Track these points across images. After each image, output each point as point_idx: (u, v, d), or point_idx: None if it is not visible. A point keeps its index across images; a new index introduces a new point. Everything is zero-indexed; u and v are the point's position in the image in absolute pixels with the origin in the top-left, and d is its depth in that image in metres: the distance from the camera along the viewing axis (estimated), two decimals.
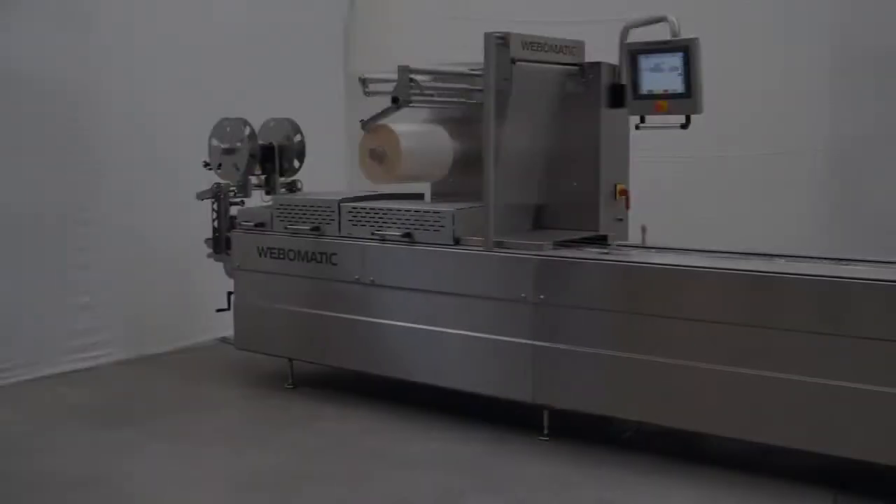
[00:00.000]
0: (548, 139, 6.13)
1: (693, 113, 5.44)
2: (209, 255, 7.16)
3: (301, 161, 7.19)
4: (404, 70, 5.99)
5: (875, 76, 7.08)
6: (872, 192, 7.20)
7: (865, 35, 7.18)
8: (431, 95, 6.34)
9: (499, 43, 5.59)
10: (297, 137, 7.16)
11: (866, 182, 7.24)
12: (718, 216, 7.60)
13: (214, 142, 6.98)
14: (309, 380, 6.94)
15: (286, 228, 6.65)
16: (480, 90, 5.94)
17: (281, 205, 6.73)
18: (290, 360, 6.83)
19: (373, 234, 6.24)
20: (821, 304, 4.73)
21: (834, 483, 4.97)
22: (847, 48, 7.21)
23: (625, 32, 5.87)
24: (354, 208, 6.35)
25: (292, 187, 7.24)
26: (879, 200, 7.11)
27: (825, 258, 5.30)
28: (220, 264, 7.13)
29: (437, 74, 6.36)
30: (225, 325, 7.35)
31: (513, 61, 5.60)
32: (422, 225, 6.04)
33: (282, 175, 7.17)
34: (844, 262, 5.14)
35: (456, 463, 5.36)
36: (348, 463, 5.40)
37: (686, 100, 5.40)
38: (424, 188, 6.96)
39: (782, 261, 5.25)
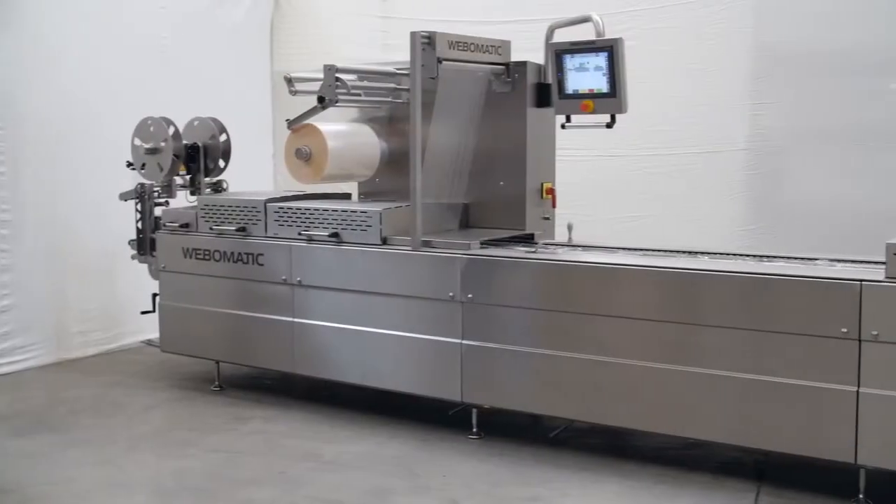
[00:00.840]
0: (475, 138, 6.14)
1: (618, 112, 5.50)
2: (133, 257, 7.06)
3: (226, 161, 7.12)
4: (330, 69, 5.95)
5: (792, 76, 7.22)
6: (792, 189, 7.35)
7: (783, 37, 7.33)
8: (358, 95, 6.32)
9: (425, 42, 5.58)
10: (223, 137, 7.09)
11: (786, 180, 7.39)
12: (644, 214, 7.70)
13: (137, 141, 6.87)
14: (236, 382, 6.88)
15: (212, 229, 6.58)
16: (407, 89, 5.93)
17: (206, 205, 6.65)
18: (217, 362, 6.76)
19: (300, 234, 6.20)
20: (743, 300, 4.81)
21: (757, 475, 5.07)
22: (765, 49, 7.34)
23: (550, 32, 5.91)
24: (281, 208, 6.31)
25: (218, 187, 7.17)
26: (798, 197, 7.26)
27: (748, 255, 5.39)
28: (145, 266, 7.03)
29: (363, 74, 6.34)
30: (150, 328, 7.24)
31: (439, 61, 5.61)
32: (349, 225, 6.01)
33: (207, 175, 7.10)
34: (766, 259, 5.24)
35: (386, 463, 5.35)
36: (277, 465, 5.35)
37: (611, 99, 5.45)
38: (352, 188, 6.93)
39: (706, 258, 5.33)
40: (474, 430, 5.71)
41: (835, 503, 4.68)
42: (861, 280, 4.50)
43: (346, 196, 6.92)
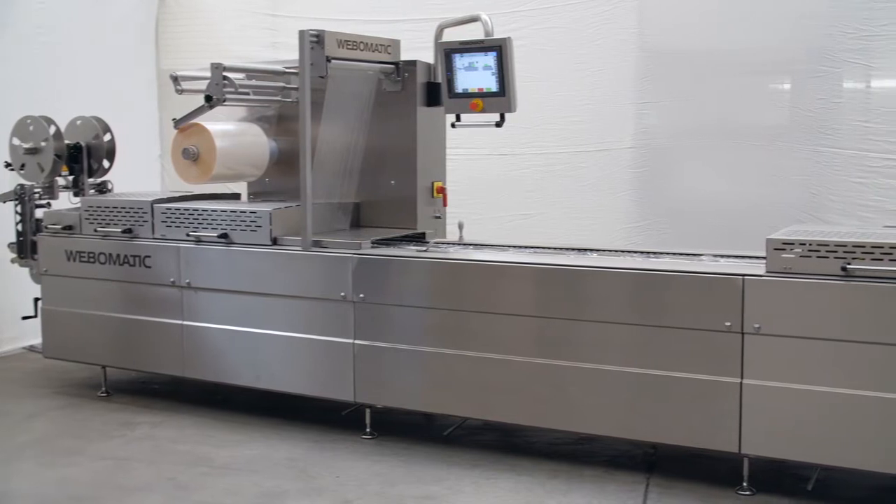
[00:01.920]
0: (365, 137, 6.12)
1: (507, 111, 5.54)
2: (13, 261, 6.84)
3: (111, 161, 6.95)
4: (217, 68, 5.86)
5: (676, 77, 7.38)
6: (677, 187, 7.51)
7: (666, 38, 7.48)
8: (246, 94, 6.24)
9: (314, 41, 5.54)
10: (107, 136, 6.93)
11: (671, 178, 7.54)
12: (534, 212, 7.78)
13: (16, 141, 6.66)
14: (123, 387, 6.73)
15: (96, 231, 6.42)
16: (296, 89, 5.89)
17: (90, 206, 6.49)
18: (104, 367, 6.60)
19: (188, 235, 6.09)
20: (631, 296, 4.90)
21: (647, 467, 5.17)
22: (649, 50, 7.48)
23: (439, 32, 5.93)
24: (168, 209, 6.19)
25: (102, 188, 7.00)
26: (683, 195, 7.42)
27: (635, 251, 5.49)
28: (26, 270, 6.82)
29: (252, 72, 6.27)
30: (32, 334, 7.03)
31: (328, 59, 5.57)
32: (238, 225, 5.94)
33: (91, 176, 6.92)
34: (653, 255, 5.34)
35: (279, 466, 5.30)
36: (167, 472, 5.25)
37: (500, 98, 5.49)
38: (241, 188, 6.85)
39: (594, 255, 5.41)
40: (368, 430, 5.69)
41: (720, 492, 4.80)
42: (743, 275, 4.62)
43: (236, 196, 6.83)
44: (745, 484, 4.77)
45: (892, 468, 4.45)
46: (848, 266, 4.40)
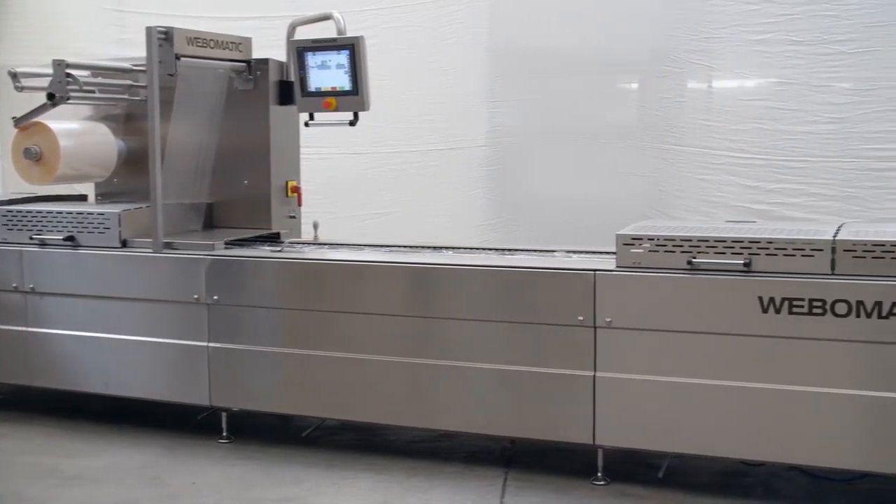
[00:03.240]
0: (217, 137, 6.02)
1: (360, 110, 5.55)
2: None
3: None
4: (60, 65, 5.67)
5: (527, 75, 7.49)
6: (530, 184, 7.62)
7: (518, 37, 7.59)
8: (92, 92, 6.05)
9: (162, 38, 5.42)
10: None
11: (524, 175, 7.65)
12: (389, 211, 7.78)
13: None
14: None
15: None
16: (144, 87, 5.75)
17: None
18: None
19: (31, 238, 5.88)
20: (486, 293, 4.96)
21: (505, 462, 5.24)
22: (501, 49, 7.58)
23: (291, 30, 5.87)
24: (10, 212, 5.97)
25: None
26: (536, 192, 7.54)
27: (490, 249, 5.56)
28: None
29: (97, 69, 6.09)
30: None
31: (177, 57, 5.46)
32: (86, 227, 5.77)
33: None
34: (508, 252, 5.41)
35: (133, 474, 5.16)
36: (12, 484, 5.06)
37: (353, 97, 5.49)
38: (88, 189, 6.64)
39: (450, 252, 5.46)
40: (224, 433, 5.60)
41: (576, 482, 4.90)
42: (595, 270, 4.73)
43: (83, 198, 6.63)
44: (599, 474, 4.88)
45: (737, 453, 4.63)
46: (693, 260, 4.56)
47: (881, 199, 6.54)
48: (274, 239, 5.93)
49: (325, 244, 5.84)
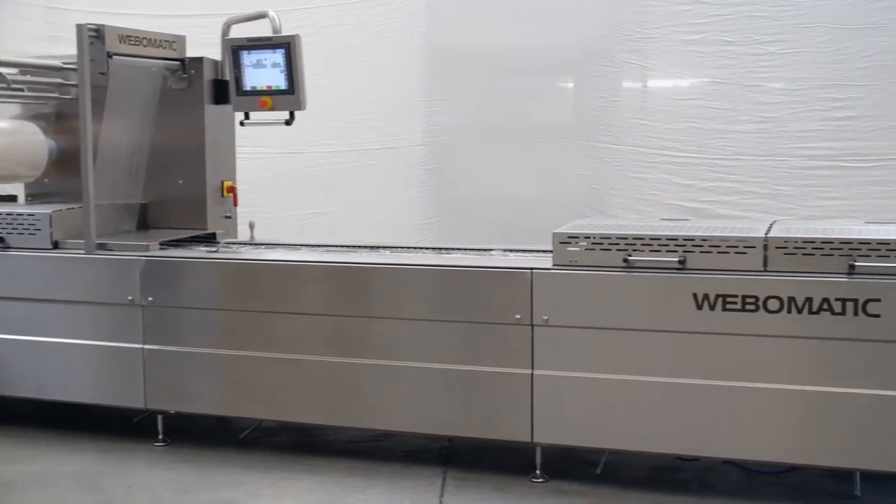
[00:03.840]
0: (151, 136, 5.94)
1: (297, 109, 5.53)
2: None
3: None
4: None
5: (464, 75, 7.51)
6: (467, 183, 7.65)
7: (454, 36, 7.61)
8: (20, 90, 5.94)
9: (93, 35, 5.34)
10: None
11: (461, 174, 7.68)
12: (326, 210, 7.76)
13: None
14: None
15: None
16: (75, 85, 5.66)
17: None
18: None
19: None
20: (424, 292, 4.96)
21: (444, 460, 5.24)
22: (437, 48, 7.59)
23: (226, 28, 5.82)
24: None
25: None
26: (473, 191, 7.56)
27: (427, 248, 5.57)
28: None
29: (25, 67, 5.98)
30: None
31: (109, 55, 5.38)
32: (15, 229, 5.66)
33: None
34: (445, 252, 5.42)
35: (67, 479, 5.07)
36: None
37: (289, 96, 5.46)
38: (18, 189, 6.52)
39: (387, 252, 5.45)
40: (160, 436, 5.53)
41: (515, 480, 4.91)
42: (531, 268, 4.75)
43: (12, 198, 6.50)
44: (538, 472, 4.91)
45: (672, 448, 4.69)
46: (629, 258, 4.60)
47: (811, 196, 6.67)
48: (210, 239, 5.87)
49: (262, 244, 5.80)
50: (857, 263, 4.28)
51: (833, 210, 6.55)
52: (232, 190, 6.08)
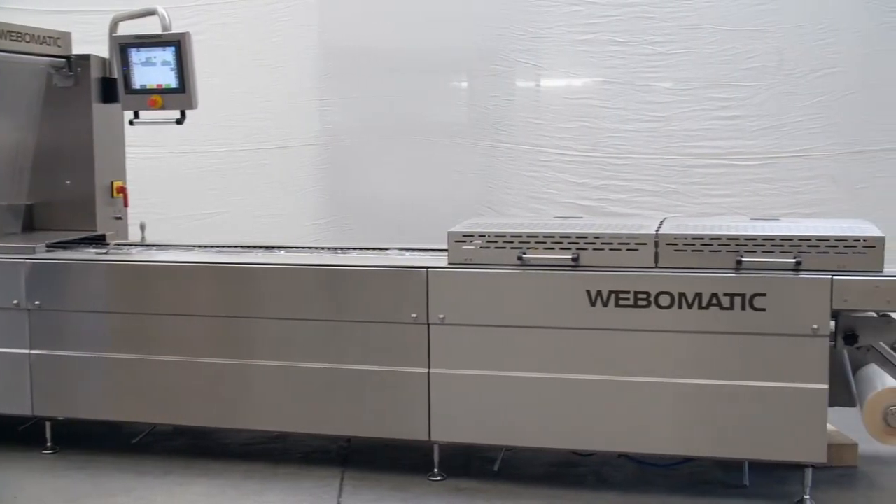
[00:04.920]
0: (36, 135, 5.79)
1: (188, 108, 5.46)
2: None
3: None
4: None
5: (357, 74, 7.49)
6: (362, 182, 7.63)
7: (347, 35, 7.58)
8: None
9: None
10: None
11: (356, 174, 7.66)
12: (220, 210, 7.66)
13: None
14: None
15: None
16: None
17: None
18: None
19: None
20: (320, 292, 4.93)
21: (342, 461, 5.22)
22: (330, 47, 7.56)
23: (114, 25, 5.70)
24: None
25: None
26: (368, 190, 7.55)
27: (323, 248, 5.54)
28: None
29: None
30: None
31: None
32: None
33: None
34: (340, 251, 5.40)
35: None
36: None
37: (180, 95, 5.39)
38: None
39: (282, 252, 5.41)
40: (49, 444, 5.39)
41: (413, 479, 4.92)
42: (427, 267, 4.76)
43: None
44: (436, 470, 4.92)
45: (568, 444, 4.76)
46: (523, 256, 4.64)
47: (700, 193, 6.83)
48: (99, 241, 5.75)
49: (153, 246, 5.70)
50: (743, 259, 4.40)
51: (721, 207, 6.73)
52: (122, 190, 5.96)
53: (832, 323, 4.36)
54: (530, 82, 7.33)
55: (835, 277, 4.30)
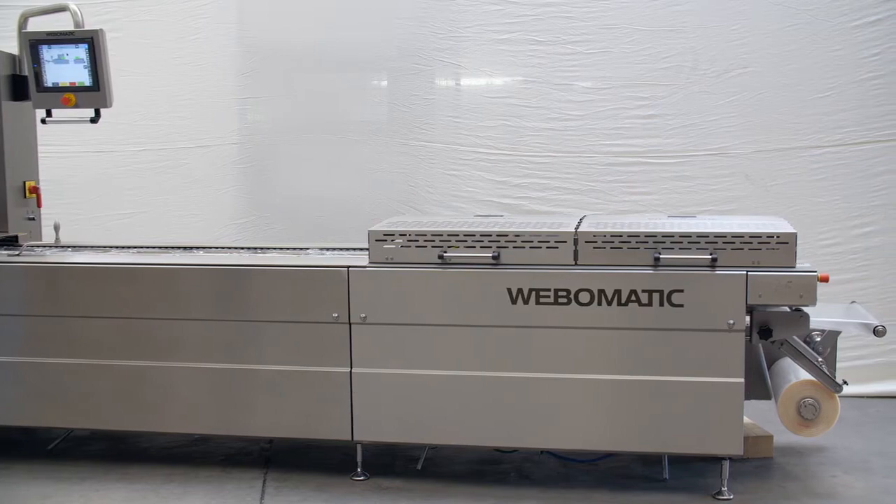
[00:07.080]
0: None
1: (102, 106, 5.39)
2: None
3: None
4: None
5: (278, 73, 7.42)
6: (282, 182, 7.56)
7: (267, 34, 7.51)
8: None
9: None
10: None
11: (276, 173, 7.58)
12: (138, 211, 7.53)
13: None
14: None
15: None
16: None
17: None
18: None
19: None
20: (237, 292, 4.88)
21: (264, 462, 5.19)
22: (250, 45, 7.47)
23: (23, 21, 5.58)
24: None
25: None
26: (289, 190, 7.49)
27: (242, 248, 5.49)
28: None
29: None
30: None
31: None
32: None
33: None
34: (260, 251, 5.36)
35: None
36: None
37: (94, 93, 5.32)
38: None
39: (201, 252, 5.35)
40: None
41: (337, 479, 4.91)
42: (348, 266, 4.75)
43: None
44: (359, 470, 4.91)
45: (491, 441, 4.78)
46: (444, 254, 4.65)
47: (619, 191, 6.91)
48: (11, 242, 5.64)
49: (68, 247, 5.60)
50: (661, 256, 4.46)
51: (640, 205, 6.81)
52: (35, 190, 5.84)
53: (747, 318, 4.45)
54: (450, 81, 7.34)
55: (749, 273, 4.39)
